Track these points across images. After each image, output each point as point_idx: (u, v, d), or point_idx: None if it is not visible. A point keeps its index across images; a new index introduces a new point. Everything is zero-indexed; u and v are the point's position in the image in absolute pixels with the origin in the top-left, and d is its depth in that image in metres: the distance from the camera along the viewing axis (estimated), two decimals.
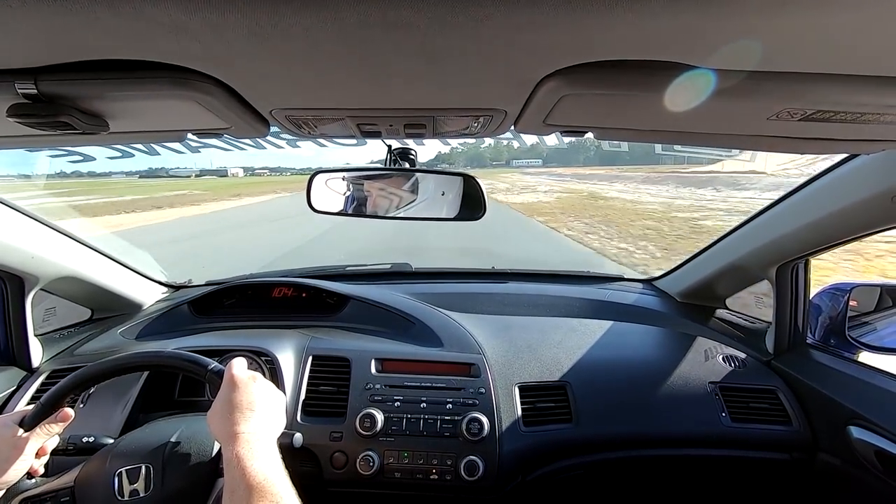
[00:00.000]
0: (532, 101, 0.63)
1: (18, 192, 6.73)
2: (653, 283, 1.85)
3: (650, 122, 0.72)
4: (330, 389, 1.26)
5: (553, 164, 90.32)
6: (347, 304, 1.54)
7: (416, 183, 1.15)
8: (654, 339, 1.50)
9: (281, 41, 0.45)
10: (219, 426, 0.70)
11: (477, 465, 1.14)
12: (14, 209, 1.18)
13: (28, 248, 1.22)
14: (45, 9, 0.38)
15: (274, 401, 0.78)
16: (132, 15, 0.39)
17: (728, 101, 0.58)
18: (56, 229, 1.31)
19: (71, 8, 0.38)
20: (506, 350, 1.37)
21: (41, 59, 0.50)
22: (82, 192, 31.16)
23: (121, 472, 0.76)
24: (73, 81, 0.53)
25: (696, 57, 0.49)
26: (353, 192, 1.16)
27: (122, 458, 0.79)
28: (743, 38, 0.44)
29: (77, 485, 0.79)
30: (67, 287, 1.41)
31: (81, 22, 0.41)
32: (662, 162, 52.36)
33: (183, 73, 0.53)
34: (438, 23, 0.42)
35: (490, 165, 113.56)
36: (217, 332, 1.43)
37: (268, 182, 31.24)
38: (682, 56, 0.49)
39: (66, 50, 0.48)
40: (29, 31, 0.43)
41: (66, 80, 0.52)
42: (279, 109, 0.68)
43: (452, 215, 1.15)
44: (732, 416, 1.26)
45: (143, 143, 0.96)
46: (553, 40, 0.46)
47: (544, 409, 1.26)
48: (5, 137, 0.74)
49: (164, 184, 45.58)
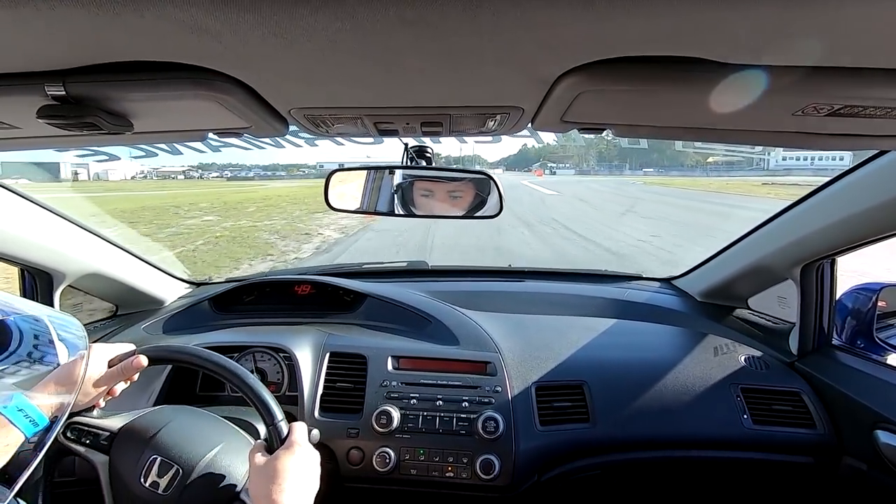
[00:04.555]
0: (549, 99, 0.63)
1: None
2: (671, 282, 1.82)
3: (670, 119, 0.71)
4: (347, 386, 1.27)
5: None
6: (364, 302, 1.55)
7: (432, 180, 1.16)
8: (674, 339, 1.48)
9: (299, 40, 0.45)
10: (261, 483, 0.72)
11: (493, 464, 1.14)
12: (43, 207, 1.22)
13: (56, 245, 1.26)
14: (73, 12, 0.39)
15: (317, 473, 0.80)
16: (155, 17, 0.40)
17: (751, 97, 0.57)
18: (83, 227, 1.35)
19: (97, 11, 0.39)
20: (522, 349, 1.36)
21: (69, 61, 0.51)
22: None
23: (155, 458, 0.77)
24: (99, 83, 0.54)
25: (719, 52, 0.48)
26: (371, 190, 1.16)
27: (163, 446, 0.78)
28: (769, 32, 0.42)
29: (119, 435, 0.79)
30: (93, 283, 1.45)
31: (107, 24, 0.42)
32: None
33: (204, 74, 0.54)
34: (455, 21, 0.42)
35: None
36: (237, 328, 1.45)
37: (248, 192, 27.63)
38: (705, 51, 0.48)
39: (92, 52, 0.49)
40: (57, 34, 0.44)
41: (93, 81, 0.54)
42: (298, 108, 0.69)
43: (469, 213, 1.15)
44: (754, 419, 1.24)
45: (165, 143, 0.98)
46: (571, 37, 0.45)
47: (561, 408, 1.25)
48: (35, 138, 0.76)
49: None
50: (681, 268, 1.80)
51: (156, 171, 59.82)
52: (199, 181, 53.23)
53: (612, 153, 71.88)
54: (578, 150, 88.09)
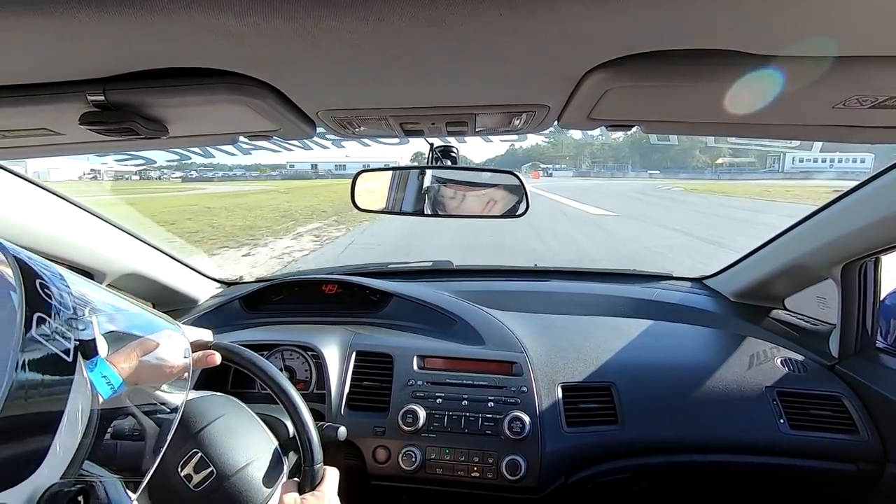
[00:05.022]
0: (576, 96, 0.62)
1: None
2: (703, 281, 1.77)
3: (703, 114, 0.69)
4: (373, 385, 1.28)
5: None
6: (390, 302, 1.56)
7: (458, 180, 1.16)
8: (706, 340, 1.44)
9: (326, 44, 0.46)
10: None
11: (519, 465, 1.13)
12: (83, 209, 1.27)
13: (97, 246, 1.31)
14: (113, 22, 0.41)
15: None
16: (189, 25, 0.42)
17: (789, 90, 0.55)
18: (121, 228, 1.40)
19: (135, 21, 0.41)
20: (548, 349, 1.35)
21: (109, 69, 0.53)
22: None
23: (196, 453, 0.78)
24: (136, 90, 0.56)
25: (756, 44, 0.46)
26: (397, 191, 1.17)
27: (207, 443, 0.79)
28: (808, 23, 0.41)
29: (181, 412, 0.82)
30: (131, 282, 1.50)
31: (144, 33, 0.43)
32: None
33: (235, 79, 0.55)
34: (480, 21, 0.42)
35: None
36: (266, 327, 1.48)
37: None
38: (740, 44, 0.46)
39: (130, 60, 0.51)
40: (98, 44, 0.46)
41: (131, 88, 0.56)
42: (325, 110, 0.70)
43: (495, 213, 1.15)
44: (791, 424, 1.19)
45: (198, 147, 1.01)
46: (598, 33, 0.44)
47: (588, 409, 1.23)
48: (76, 144, 0.80)
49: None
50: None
51: (104, 172, 51.19)
52: (155, 182, 48.69)
53: (605, 154, 65.51)
54: (569, 150, 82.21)
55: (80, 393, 0.38)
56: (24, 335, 0.34)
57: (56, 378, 0.36)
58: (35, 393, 0.34)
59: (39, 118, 0.64)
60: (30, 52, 0.48)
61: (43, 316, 0.36)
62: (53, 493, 0.34)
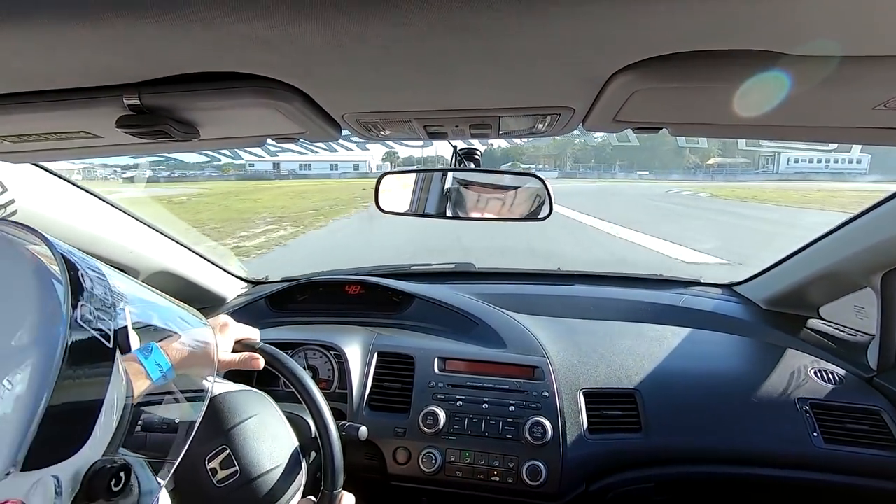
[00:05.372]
0: (602, 98, 0.61)
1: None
2: (733, 287, 1.72)
3: (733, 116, 0.67)
4: (394, 386, 1.29)
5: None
6: (412, 303, 1.57)
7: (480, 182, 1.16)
8: (735, 349, 1.40)
9: (353, 48, 0.47)
10: None
11: (539, 471, 1.12)
12: (117, 208, 1.31)
13: (132, 244, 1.36)
14: (148, 29, 0.42)
15: None
16: (221, 31, 0.43)
17: (826, 91, 0.53)
18: (153, 227, 1.44)
19: (170, 27, 0.42)
20: (571, 354, 1.33)
21: (144, 74, 0.55)
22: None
23: (225, 449, 0.79)
24: (170, 94, 0.58)
25: (791, 44, 0.45)
26: (420, 192, 1.18)
27: (236, 441, 0.80)
28: (846, 20, 0.39)
29: (213, 401, 0.83)
30: (163, 280, 1.55)
31: (178, 39, 0.45)
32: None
33: (264, 83, 0.57)
34: (506, 24, 0.41)
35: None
36: (290, 326, 1.50)
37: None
38: (774, 44, 0.45)
39: (164, 65, 0.53)
40: (134, 50, 0.48)
41: (165, 92, 0.58)
42: (350, 113, 0.71)
43: (518, 216, 1.14)
44: (826, 437, 1.14)
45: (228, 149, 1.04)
46: (625, 34, 0.44)
47: (611, 416, 1.21)
48: (113, 146, 0.83)
49: None
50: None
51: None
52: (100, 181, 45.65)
53: (587, 154, 58.68)
54: (550, 150, 75.38)
55: (117, 379, 0.40)
56: (70, 317, 0.36)
57: (98, 362, 0.39)
58: (81, 374, 0.36)
59: (79, 121, 0.67)
60: (72, 59, 0.50)
61: (85, 304, 0.38)
62: (97, 470, 0.36)
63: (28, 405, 0.32)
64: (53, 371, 0.33)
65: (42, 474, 0.33)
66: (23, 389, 0.31)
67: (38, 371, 0.32)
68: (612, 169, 67.78)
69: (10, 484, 0.30)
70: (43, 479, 0.33)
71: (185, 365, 0.58)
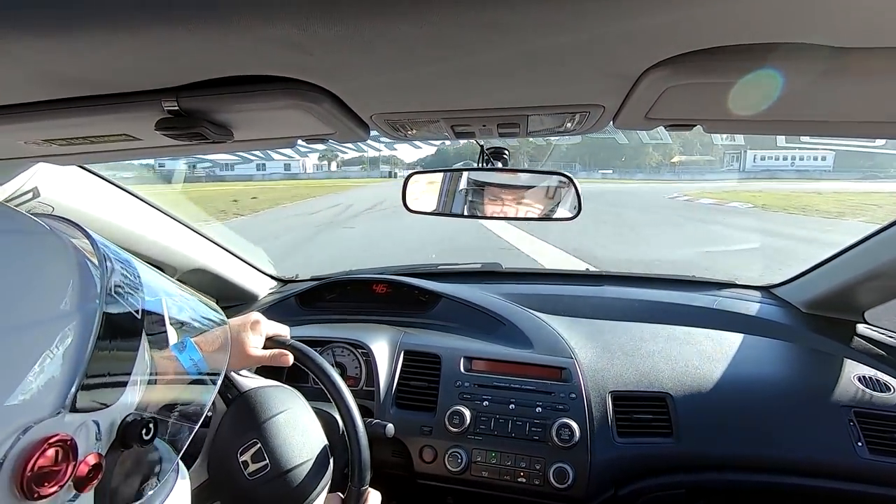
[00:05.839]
0: (633, 95, 0.60)
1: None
2: (771, 290, 1.66)
3: (773, 112, 0.65)
4: (421, 384, 1.29)
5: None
6: (439, 303, 1.57)
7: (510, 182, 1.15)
8: (773, 353, 1.35)
9: (381, 49, 0.47)
10: None
11: (567, 473, 1.10)
12: (153, 207, 1.36)
13: (168, 242, 1.41)
14: (185, 35, 0.44)
15: None
16: (254, 35, 0.44)
17: (874, 83, 0.50)
18: (188, 226, 1.49)
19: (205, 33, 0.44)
20: (599, 356, 1.31)
21: (182, 78, 0.57)
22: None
23: (256, 443, 0.81)
24: (206, 97, 0.60)
25: (839, 36, 0.42)
26: (447, 192, 1.18)
27: (268, 436, 0.82)
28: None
29: (243, 397, 0.86)
30: (197, 278, 1.60)
31: (213, 44, 0.46)
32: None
33: (296, 85, 0.58)
34: (535, 22, 0.41)
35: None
36: (319, 324, 1.53)
37: None
38: (821, 36, 0.43)
39: (201, 70, 0.55)
40: (173, 55, 0.49)
41: (201, 96, 0.60)
42: (379, 114, 0.71)
43: (547, 215, 1.13)
44: (871, 448, 1.09)
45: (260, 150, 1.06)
46: (658, 28, 0.43)
47: (641, 420, 1.18)
48: (152, 149, 0.86)
49: None
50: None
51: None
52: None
53: (542, 152, 52.93)
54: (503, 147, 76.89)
55: (143, 349, 0.46)
56: (105, 291, 0.42)
57: (129, 329, 0.44)
58: (116, 337, 0.42)
59: (121, 125, 0.70)
60: (115, 65, 0.52)
61: (119, 284, 0.45)
62: (130, 421, 0.41)
63: (75, 357, 0.37)
64: (94, 332, 0.39)
65: (86, 418, 0.38)
66: (71, 344, 0.37)
67: (82, 330, 0.38)
68: (573, 168, 63.40)
69: (61, 422, 0.36)
70: (86, 422, 0.38)
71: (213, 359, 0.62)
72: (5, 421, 0.33)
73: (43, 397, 0.35)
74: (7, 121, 0.67)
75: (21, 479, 0.33)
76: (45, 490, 0.34)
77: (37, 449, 0.34)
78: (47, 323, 0.37)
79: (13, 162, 0.95)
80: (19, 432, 0.33)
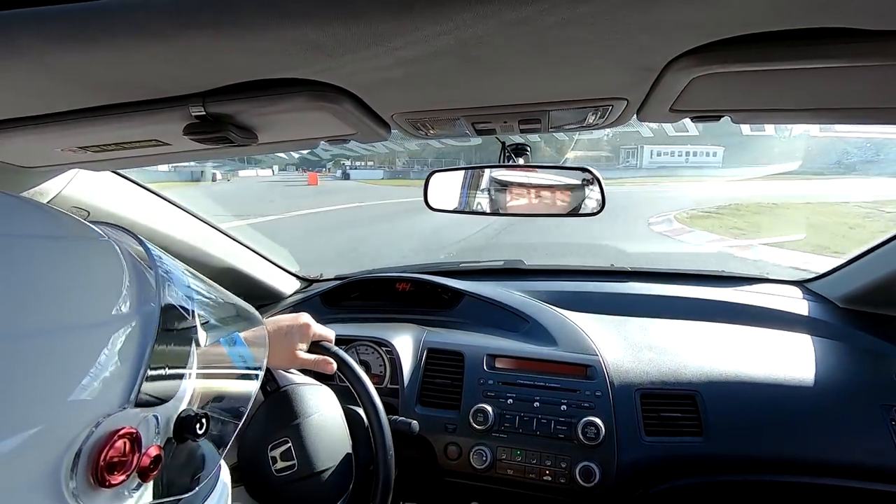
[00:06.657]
0: (657, 87, 0.58)
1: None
2: (806, 284, 1.60)
3: (806, 100, 0.62)
4: (445, 382, 1.30)
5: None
6: (462, 300, 1.57)
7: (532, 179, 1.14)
8: (808, 350, 1.30)
9: (401, 48, 0.47)
10: None
11: (593, 472, 1.09)
12: (182, 209, 1.40)
13: (198, 243, 1.44)
14: (210, 41, 0.45)
15: None
16: (277, 39, 0.45)
17: None
18: (215, 227, 1.53)
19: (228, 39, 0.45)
20: (625, 353, 1.29)
21: (207, 83, 0.59)
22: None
23: (286, 441, 0.83)
24: (231, 101, 0.61)
25: (875, 19, 0.41)
26: (469, 189, 1.18)
27: (299, 437, 0.84)
28: None
29: (280, 393, 0.88)
30: (226, 277, 1.64)
31: (237, 50, 0.47)
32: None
33: (317, 87, 0.59)
34: (556, 16, 0.40)
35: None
36: (343, 322, 1.55)
37: None
38: (854, 20, 0.41)
39: (225, 75, 0.56)
40: (198, 61, 0.51)
41: (226, 100, 0.61)
42: (400, 113, 0.72)
43: (570, 211, 1.12)
44: None
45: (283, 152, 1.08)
46: (683, 17, 0.41)
47: (669, 418, 1.16)
48: (180, 153, 0.89)
49: None
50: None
51: None
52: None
53: (426, 150, 40.21)
54: (382, 147, 72.61)
55: (196, 347, 0.48)
56: (161, 292, 0.45)
57: (184, 331, 0.47)
58: (173, 338, 0.44)
59: (151, 130, 0.72)
60: (145, 72, 0.54)
61: (171, 285, 0.47)
62: (184, 416, 0.44)
63: (137, 355, 0.40)
64: (153, 331, 0.42)
65: (147, 413, 0.41)
66: (133, 343, 0.40)
67: (143, 330, 0.41)
68: (443, 162, 61.09)
69: (126, 416, 0.38)
70: (147, 417, 0.41)
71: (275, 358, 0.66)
72: (81, 415, 0.36)
73: (110, 393, 0.38)
74: (44, 130, 0.70)
75: (96, 468, 0.36)
76: (114, 479, 0.37)
77: (108, 441, 0.36)
78: (112, 323, 0.40)
79: (51, 169, 1.00)
80: (92, 425, 0.36)
